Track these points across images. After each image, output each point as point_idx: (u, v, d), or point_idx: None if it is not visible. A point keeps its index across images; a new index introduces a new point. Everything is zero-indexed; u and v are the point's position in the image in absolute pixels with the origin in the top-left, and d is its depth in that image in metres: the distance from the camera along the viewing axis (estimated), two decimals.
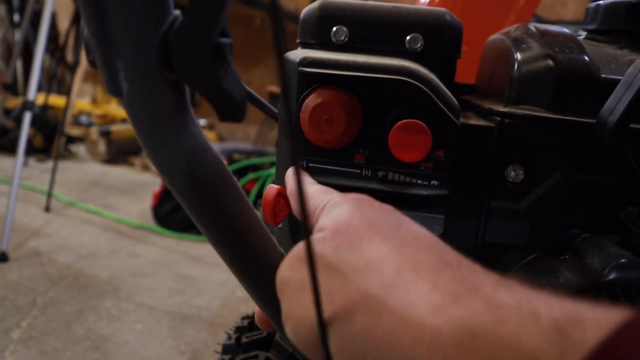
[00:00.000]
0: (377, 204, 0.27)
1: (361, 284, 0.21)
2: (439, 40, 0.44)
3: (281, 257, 0.30)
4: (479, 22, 0.74)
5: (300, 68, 0.38)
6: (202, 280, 1.63)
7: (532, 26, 0.47)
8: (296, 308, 0.23)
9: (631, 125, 0.37)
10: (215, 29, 0.22)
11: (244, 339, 0.62)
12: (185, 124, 0.25)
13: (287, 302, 0.24)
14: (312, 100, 0.37)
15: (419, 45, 0.44)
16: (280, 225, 0.44)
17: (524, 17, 0.75)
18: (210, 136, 3.21)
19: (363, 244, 0.23)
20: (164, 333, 1.31)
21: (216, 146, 2.55)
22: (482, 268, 0.22)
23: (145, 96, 0.23)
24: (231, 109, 0.23)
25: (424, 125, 0.36)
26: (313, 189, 0.31)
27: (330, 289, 0.22)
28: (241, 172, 2.17)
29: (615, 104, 0.36)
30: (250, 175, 2.14)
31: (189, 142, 0.25)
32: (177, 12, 0.23)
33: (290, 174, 0.35)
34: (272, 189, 0.35)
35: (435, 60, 0.44)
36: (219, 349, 0.66)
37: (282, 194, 0.36)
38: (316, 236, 0.24)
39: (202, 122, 3.32)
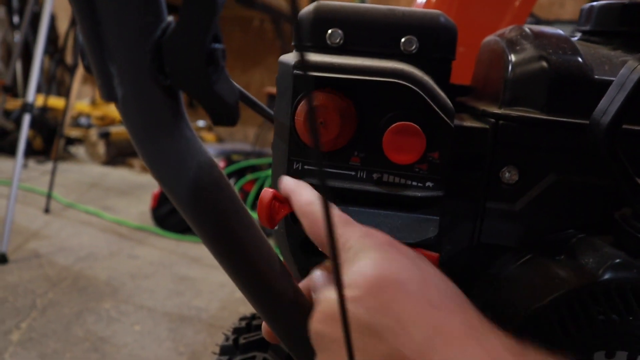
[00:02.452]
0: (400, 250, 0.28)
1: (395, 346, 0.23)
2: (434, 42, 0.44)
3: (279, 263, 0.30)
4: (476, 23, 0.74)
5: (295, 71, 0.39)
6: (202, 282, 1.63)
7: (527, 27, 0.47)
8: (332, 358, 0.26)
9: (624, 126, 0.37)
10: (207, 34, 0.22)
11: (241, 340, 0.63)
12: (180, 129, 0.25)
13: (322, 352, 0.27)
14: (306, 103, 0.37)
15: (414, 47, 0.44)
16: (276, 228, 0.44)
17: (520, 18, 0.75)
18: (209, 137, 3.21)
19: (395, 304, 0.25)
20: (163, 334, 1.31)
21: (215, 147, 2.54)
22: (503, 334, 0.24)
23: (140, 101, 0.24)
24: (224, 113, 0.24)
25: (418, 127, 0.37)
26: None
27: (366, 347, 0.24)
28: (240, 173, 2.17)
29: (608, 105, 0.36)
30: (249, 177, 2.14)
31: (184, 146, 0.25)
32: (170, 18, 0.23)
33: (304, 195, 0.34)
34: (267, 192, 0.35)
35: (430, 63, 0.44)
36: (217, 350, 0.66)
37: (277, 198, 0.36)
38: (348, 294, 0.26)
39: (201, 123, 3.32)
